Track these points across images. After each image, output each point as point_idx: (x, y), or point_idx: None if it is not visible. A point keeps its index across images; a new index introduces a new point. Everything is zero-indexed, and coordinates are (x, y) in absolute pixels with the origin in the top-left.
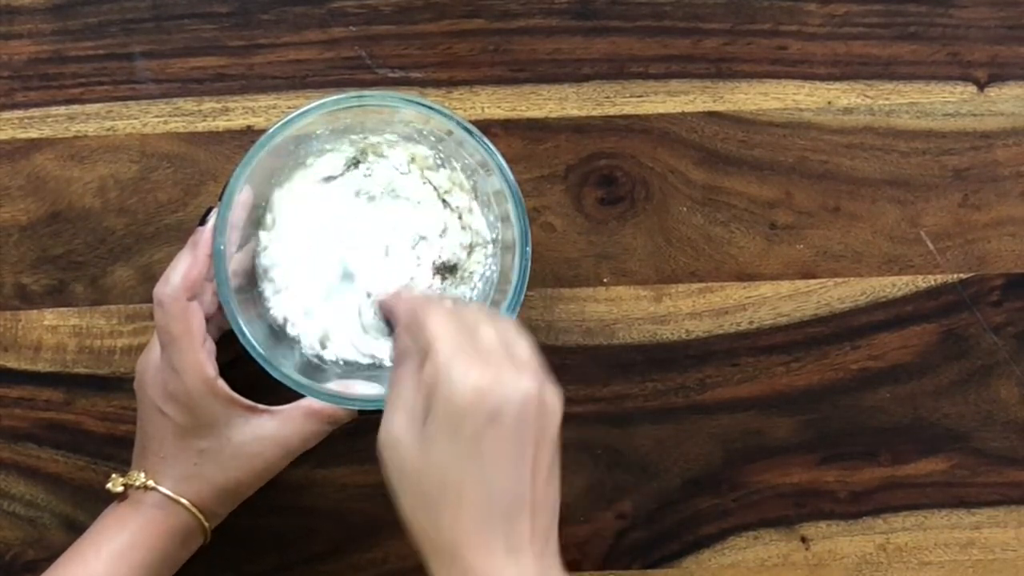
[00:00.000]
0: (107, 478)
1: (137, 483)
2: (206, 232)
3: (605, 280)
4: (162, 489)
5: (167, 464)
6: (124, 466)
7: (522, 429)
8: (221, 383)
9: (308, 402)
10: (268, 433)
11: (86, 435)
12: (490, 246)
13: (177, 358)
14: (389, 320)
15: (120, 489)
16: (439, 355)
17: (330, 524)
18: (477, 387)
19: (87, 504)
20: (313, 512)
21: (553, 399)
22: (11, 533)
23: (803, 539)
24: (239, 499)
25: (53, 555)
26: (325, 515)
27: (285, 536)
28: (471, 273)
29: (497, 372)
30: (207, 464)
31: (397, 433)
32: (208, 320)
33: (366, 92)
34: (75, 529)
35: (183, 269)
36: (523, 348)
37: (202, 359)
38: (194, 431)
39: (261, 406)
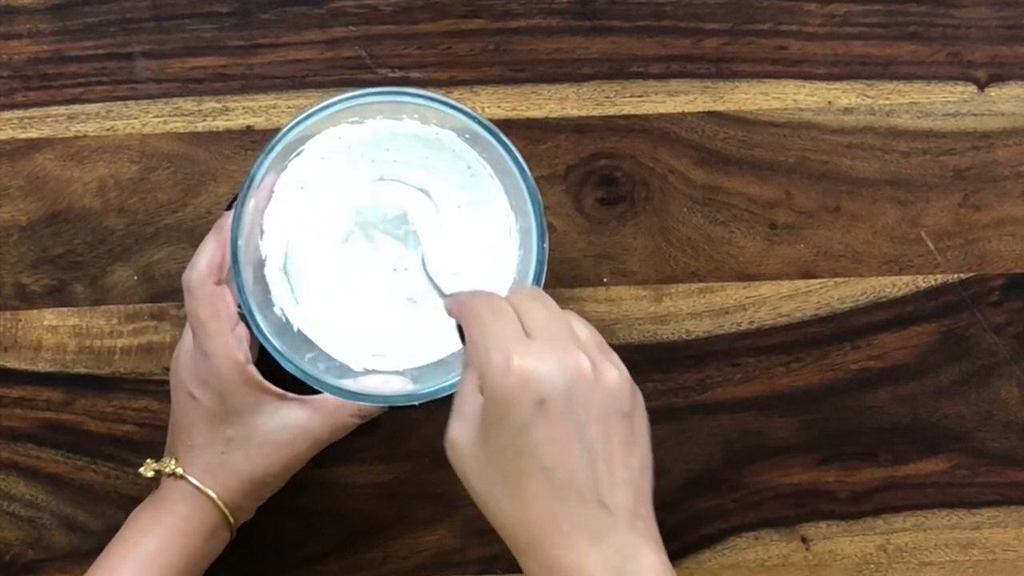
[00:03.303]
0: (107, 478)
1: (167, 469)
2: (231, 216)
3: (605, 280)
4: (190, 479)
5: (195, 453)
6: (124, 466)
7: (575, 409)
8: (252, 369)
9: (335, 398)
10: (297, 422)
11: (86, 435)
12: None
13: (207, 342)
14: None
15: (151, 474)
16: (478, 346)
17: (330, 524)
18: (520, 373)
19: (87, 504)
20: (313, 512)
21: (611, 373)
22: (11, 533)
23: (803, 539)
24: (265, 491)
25: (53, 555)
26: (325, 515)
27: (285, 536)
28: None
29: (540, 355)
30: (234, 453)
31: (455, 438)
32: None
33: (384, 89)
34: (75, 529)
35: (208, 254)
36: (581, 329)
37: (231, 343)
38: (223, 417)
39: (291, 395)
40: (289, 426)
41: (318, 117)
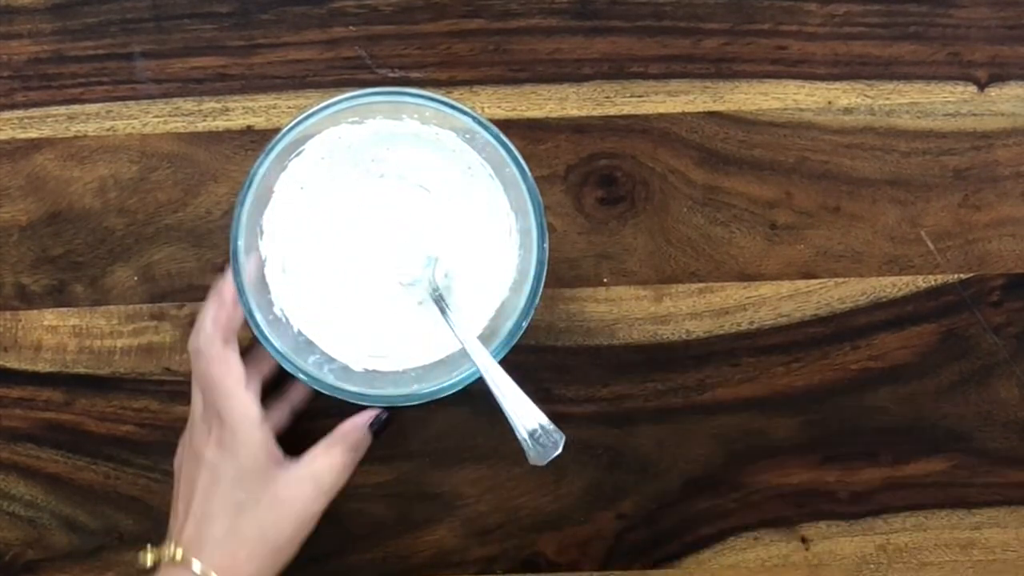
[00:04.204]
0: (107, 478)
1: (166, 558)
2: (229, 278)
3: (605, 280)
4: (195, 568)
5: (205, 524)
6: (124, 466)
7: None
8: (268, 426)
9: (325, 440)
10: (299, 474)
11: (86, 435)
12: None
13: (222, 401)
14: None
15: (150, 564)
16: None
17: (330, 524)
18: None
19: (87, 504)
20: None
21: None
22: (11, 533)
23: (803, 539)
24: (278, 559)
25: (53, 555)
26: (325, 515)
27: None
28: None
29: None
30: (244, 517)
31: None
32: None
33: (384, 89)
34: (75, 529)
35: (212, 315)
36: None
37: (247, 400)
38: (236, 481)
39: (290, 457)
40: (293, 481)
41: (318, 117)
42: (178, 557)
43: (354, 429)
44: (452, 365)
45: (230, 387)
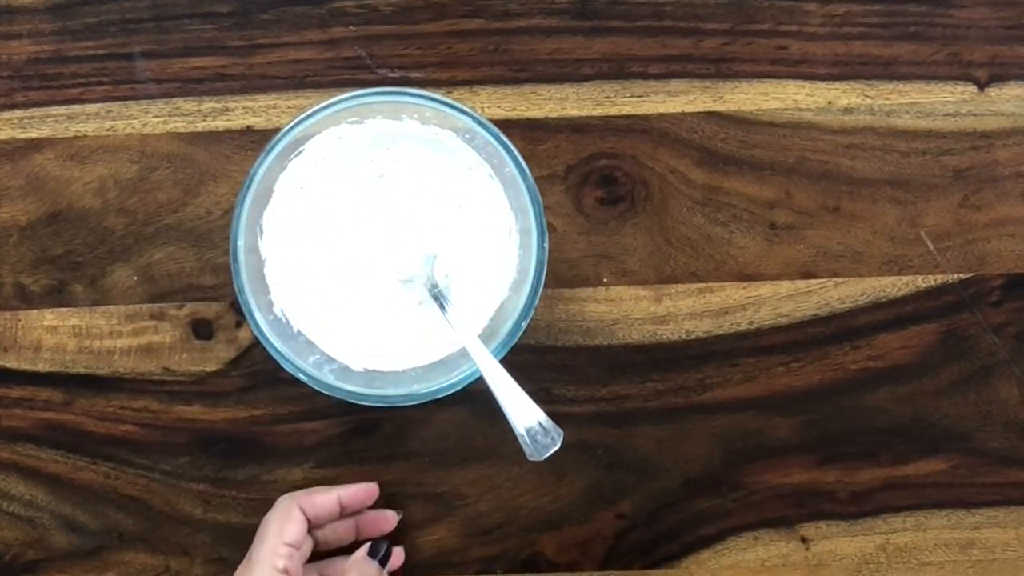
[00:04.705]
0: (107, 478)
1: None
2: (354, 488)
3: (605, 280)
4: None
5: None
6: (124, 466)
7: None
8: None
9: None
10: None
11: (86, 435)
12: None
13: (257, 549)
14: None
15: None
16: None
17: None
18: None
19: (87, 504)
20: None
21: None
22: (11, 533)
23: (803, 539)
24: None
25: (53, 555)
26: None
27: None
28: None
29: None
30: None
31: None
32: None
33: (384, 89)
34: (75, 529)
35: (321, 492)
36: None
37: (279, 552)
38: None
39: None
40: None
41: (318, 117)
42: None
43: (352, 563)
44: (452, 365)
45: (274, 538)
